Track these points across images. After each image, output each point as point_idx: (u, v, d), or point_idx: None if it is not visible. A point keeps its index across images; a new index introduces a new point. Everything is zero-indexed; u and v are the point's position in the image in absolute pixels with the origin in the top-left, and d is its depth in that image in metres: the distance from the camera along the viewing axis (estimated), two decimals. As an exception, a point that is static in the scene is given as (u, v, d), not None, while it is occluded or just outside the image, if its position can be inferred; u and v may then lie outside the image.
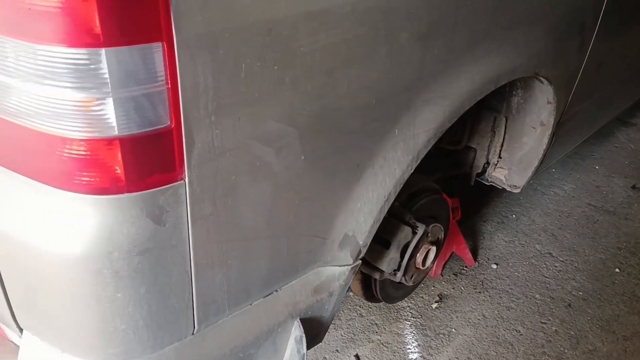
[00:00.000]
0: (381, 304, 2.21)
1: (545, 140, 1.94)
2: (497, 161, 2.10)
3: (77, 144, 0.81)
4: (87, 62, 0.76)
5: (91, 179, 0.84)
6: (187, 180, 0.89)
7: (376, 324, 2.16)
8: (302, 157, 1.05)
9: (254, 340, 1.20)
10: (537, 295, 2.32)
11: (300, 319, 1.26)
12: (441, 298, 2.28)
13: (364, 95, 1.10)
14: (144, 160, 0.84)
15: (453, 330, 2.15)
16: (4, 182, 0.90)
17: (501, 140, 2.04)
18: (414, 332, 2.14)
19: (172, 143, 0.86)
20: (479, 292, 2.32)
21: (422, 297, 2.27)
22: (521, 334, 2.15)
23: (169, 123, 0.84)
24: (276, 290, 1.19)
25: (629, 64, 2.41)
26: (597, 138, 3.34)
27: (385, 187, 1.24)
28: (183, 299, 1.00)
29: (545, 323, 2.20)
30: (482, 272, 2.42)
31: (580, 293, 2.34)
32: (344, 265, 1.28)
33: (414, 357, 2.04)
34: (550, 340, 2.12)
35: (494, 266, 2.45)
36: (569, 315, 2.23)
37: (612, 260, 2.51)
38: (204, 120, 0.87)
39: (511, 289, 2.34)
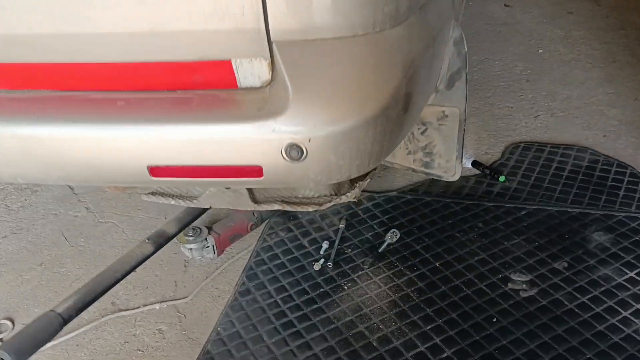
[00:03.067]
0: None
1: None
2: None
3: None
4: None
5: None
6: None
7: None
8: None
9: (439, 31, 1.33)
10: (501, 83, 2.78)
11: None
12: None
13: None
14: None
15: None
16: None
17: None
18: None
19: None
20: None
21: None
22: (511, 107, 2.58)
23: None
24: None
25: None
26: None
27: None
28: None
29: (521, 95, 2.66)
30: (452, 83, 2.79)
31: (528, 71, 2.85)
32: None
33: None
34: (534, 103, 2.59)
35: (458, 77, 2.84)
36: (532, 85, 2.74)
37: (532, 46, 3.08)
38: None
39: (484, 81, 2.77)
